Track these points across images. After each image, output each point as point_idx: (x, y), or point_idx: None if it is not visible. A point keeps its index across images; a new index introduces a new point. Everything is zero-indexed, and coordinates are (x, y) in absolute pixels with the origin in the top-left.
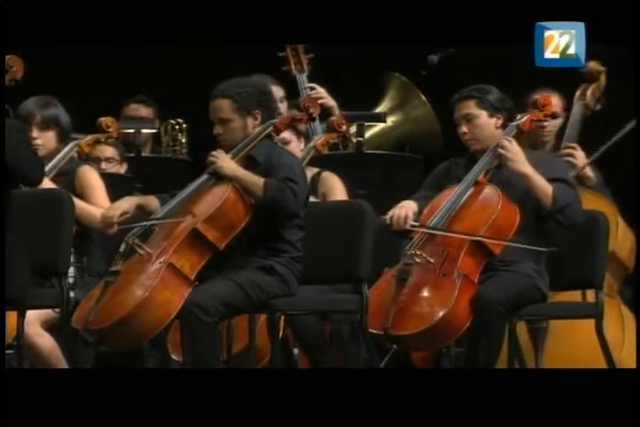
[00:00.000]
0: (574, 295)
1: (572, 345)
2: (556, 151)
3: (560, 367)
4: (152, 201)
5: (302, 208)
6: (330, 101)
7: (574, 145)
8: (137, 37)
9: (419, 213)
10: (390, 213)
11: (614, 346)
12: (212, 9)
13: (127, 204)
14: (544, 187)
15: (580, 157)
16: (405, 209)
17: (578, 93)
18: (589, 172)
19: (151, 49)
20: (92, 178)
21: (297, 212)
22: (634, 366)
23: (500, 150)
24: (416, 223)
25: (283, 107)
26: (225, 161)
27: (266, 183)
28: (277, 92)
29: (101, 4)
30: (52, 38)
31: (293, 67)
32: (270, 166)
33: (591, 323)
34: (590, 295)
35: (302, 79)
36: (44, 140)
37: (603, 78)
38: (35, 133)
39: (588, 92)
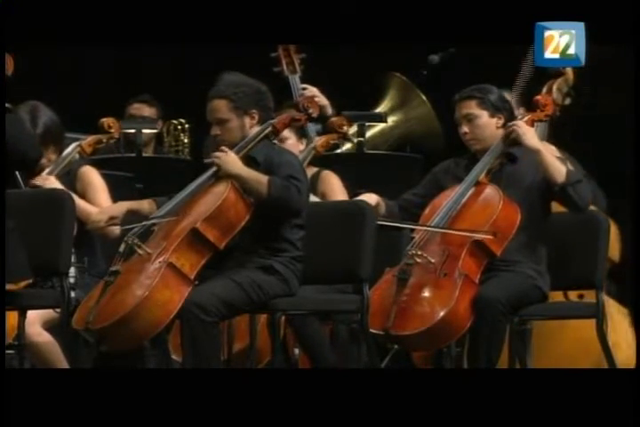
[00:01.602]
0: (557, 295)
1: (559, 340)
2: None
3: (549, 364)
4: (145, 205)
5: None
6: (322, 100)
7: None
8: (140, 38)
9: (404, 209)
10: None
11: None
12: (215, 9)
13: (117, 209)
14: (556, 162)
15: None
16: None
17: (544, 90)
18: (568, 164)
19: (154, 49)
20: (93, 178)
21: (301, 209)
22: (629, 362)
23: (512, 128)
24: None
25: None
26: (231, 158)
27: (270, 181)
28: None
29: (104, 4)
30: (55, 38)
31: (285, 68)
32: (271, 165)
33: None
34: (572, 295)
35: (295, 80)
36: (48, 156)
37: (570, 72)
38: None
39: (554, 87)
